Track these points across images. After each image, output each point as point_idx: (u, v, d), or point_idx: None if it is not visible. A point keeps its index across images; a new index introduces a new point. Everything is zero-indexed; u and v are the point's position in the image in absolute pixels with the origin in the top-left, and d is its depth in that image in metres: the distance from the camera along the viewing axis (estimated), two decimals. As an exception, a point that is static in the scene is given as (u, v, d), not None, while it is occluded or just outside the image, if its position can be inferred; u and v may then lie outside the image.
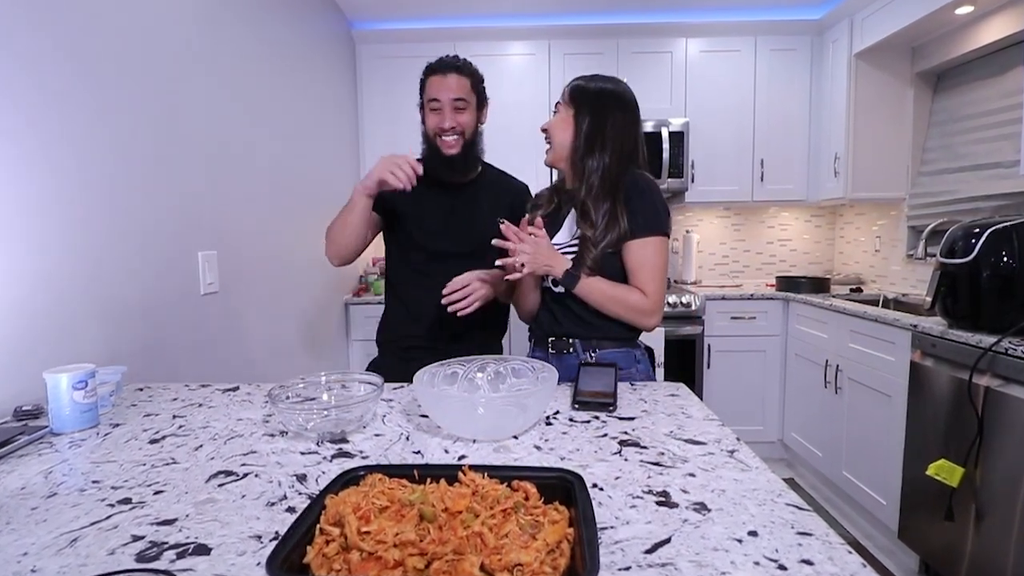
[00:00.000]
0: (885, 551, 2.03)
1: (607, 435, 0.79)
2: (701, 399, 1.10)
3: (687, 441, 0.77)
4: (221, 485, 0.65)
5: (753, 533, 0.53)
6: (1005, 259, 1.50)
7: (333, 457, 0.73)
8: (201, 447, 0.77)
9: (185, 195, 1.45)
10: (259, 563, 0.49)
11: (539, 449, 0.75)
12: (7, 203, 0.95)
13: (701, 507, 0.58)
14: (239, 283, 1.69)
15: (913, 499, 1.82)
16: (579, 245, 1.13)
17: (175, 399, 1.01)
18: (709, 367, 2.70)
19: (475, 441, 0.77)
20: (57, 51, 1.06)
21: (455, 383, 0.88)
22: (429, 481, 0.56)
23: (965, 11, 2.15)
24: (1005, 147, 2.15)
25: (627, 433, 0.80)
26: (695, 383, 2.68)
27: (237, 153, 1.72)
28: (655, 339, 2.53)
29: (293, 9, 2.20)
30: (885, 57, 2.57)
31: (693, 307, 2.64)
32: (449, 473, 0.57)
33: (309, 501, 0.56)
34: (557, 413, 0.89)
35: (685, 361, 2.65)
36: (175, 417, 0.91)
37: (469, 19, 2.88)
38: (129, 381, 1.10)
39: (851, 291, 2.74)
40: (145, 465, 0.71)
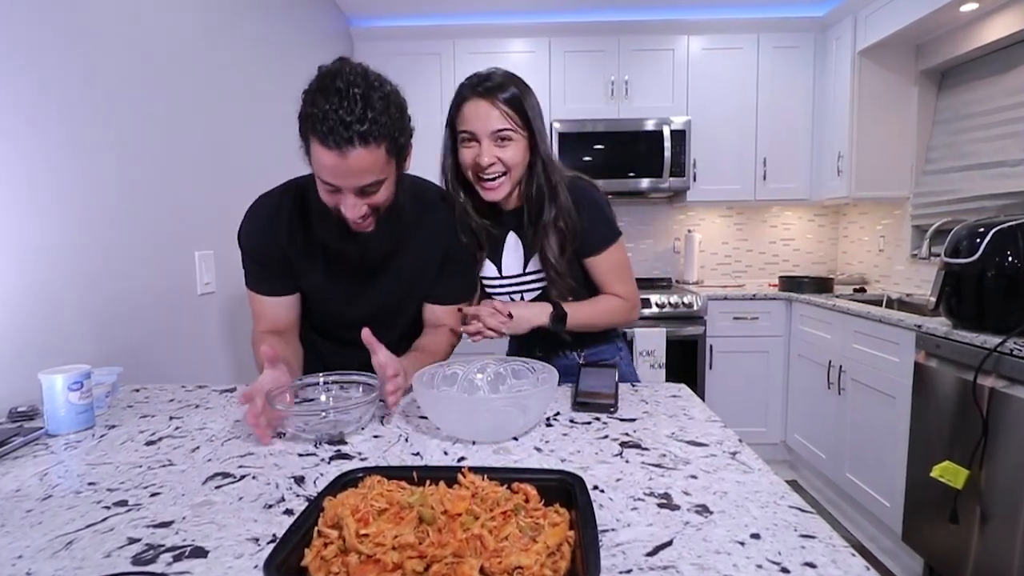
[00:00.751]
0: (889, 554, 2.02)
1: (608, 436, 0.79)
2: (703, 400, 1.10)
3: (689, 443, 0.76)
4: (218, 487, 0.65)
5: (756, 536, 0.53)
6: (1010, 259, 1.49)
7: (331, 459, 0.72)
8: (198, 449, 0.77)
9: (182, 194, 1.45)
10: (256, 566, 0.48)
11: (539, 451, 0.74)
12: (2, 202, 0.95)
13: (703, 509, 0.58)
14: (236, 283, 1.68)
15: (917, 501, 1.81)
16: (544, 273, 1.08)
17: (171, 400, 1.00)
18: (711, 368, 2.69)
19: (475, 443, 0.77)
20: (55, 52, 1.06)
21: (455, 384, 0.88)
22: (428, 483, 0.56)
23: (970, 8, 2.13)
24: (1010, 145, 2.14)
25: (628, 435, 0.80)
26: (697, 384, 2.67)
27: (234, 152, 1.72)
28: (656, 340, 2.53)
29: (291, 6, 2.19)
30: (889, 55, 2.56)
31: (695, 307, 2.63)
32: (448, 475, 0.57)
33: (307, 503, 0.56)
34: (557, 414, 0.89)
35: (687, 362, 2.64)
36: (171, 418, 0.90)
37: (468, 16, 2.87)
38: (125, 382, 1.09)
39: (855, 291, 2.73)
40: (141, 467, 0.71)
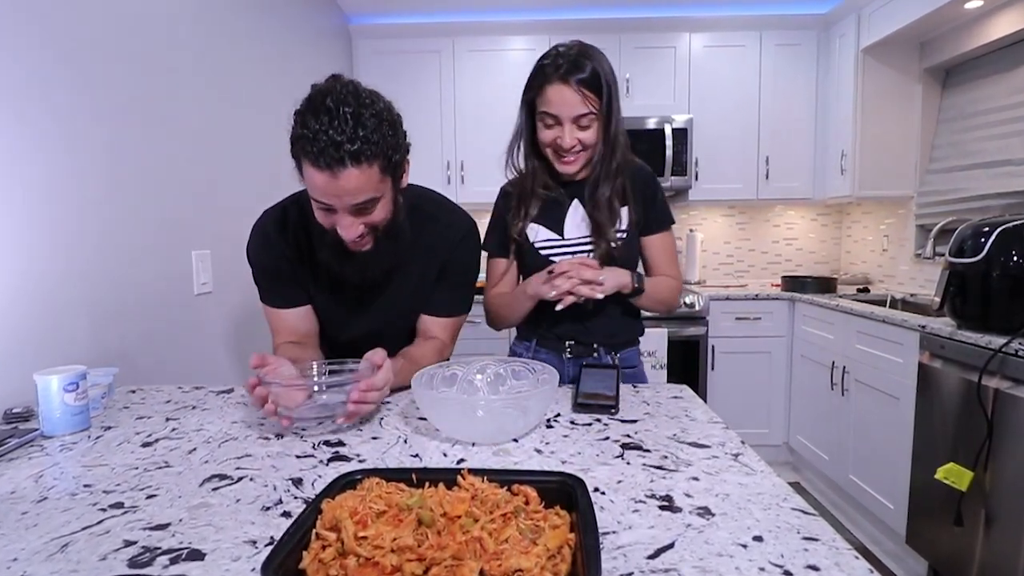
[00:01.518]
0: (893, 556, 2.01)
1: (609, 438, 0.78)
2: (705, 401, 1.09)
3: (691, 444, 0.76)
4: (215, 489, 0.64)
5: (758, 538, 0.52)
6: (1015, 258, 1.48)
7: (329, 461, 0.72)
8: (195, 450, 0.76)
9: (178, 193, 1.44)
10: (254, 568, 0.48)
11: (540, 452, 0.74)
12: None
13: (705, 512, 0.57)
14: (234, 283, 1.68)
15: (921, 503, 1.80)
16: (594, 239, 1.13)
17: (168, 401, 1.00)
18: (713, 368, 2.68)
19: (474, 444, 0.76)
20: (47, 47, 1.05)
21: (454, 385, 0.87)
22: (427, 485, 0.56)
23: (974, 5, 2.12)
24: (1015, 144, 2.12)
25: (629, 436, 0.79)
26: (699, 385, 2.66)
27: (232, 150, 1.71)
28: (658, 340, 2.52)
29: (289, 3, 2.19)
30: (893, 52, 2.54)
31: (697, 307, 2.62)
32: (448, 477, 0.56)
33: (305, 505, 0.56)
34: (558, 415, 0.88)
35: (689, 362, 2.64)
36: (168, 420, 0.90)
37: (468, 13, 2.86)
38: (121, 383, 1.09)
39: (858, 291, 2.71)
40: (137, 469, 0.70)
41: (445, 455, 0.73)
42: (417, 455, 0.74)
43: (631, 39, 2.88)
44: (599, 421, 0.85)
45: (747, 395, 2.71)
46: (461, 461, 0.72)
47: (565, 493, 0.54)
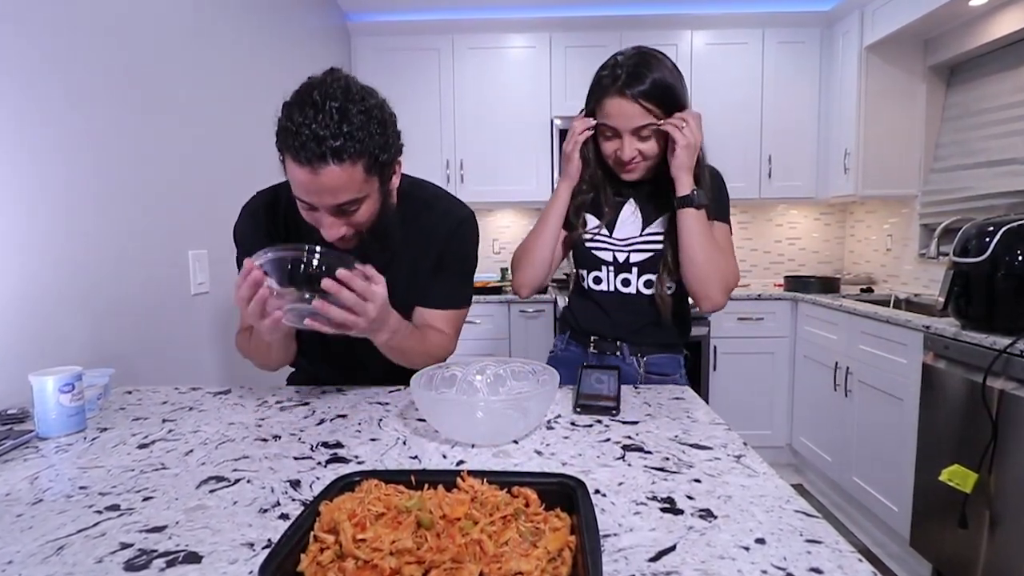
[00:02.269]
0: (896, 559, 2.00)
1: (610, 440, 0.78)
2: (707, 402, 1.09)
3: (692, 446, 0.75)
4: (212, 491, 0.64)
5: (760, 541, 0.52)
6: (1020, 258, 1.47)
7: (327, 462, 0.72)
8: (191, 452, 0.76)
9: (175, 192, 1.44)
10: (251, 571, 0.48)
11: (540, 454, 0.73)
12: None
13: (707, 514, 0.57)
14: (231, 283, 1.67)
15: (925, 505, 1.79)
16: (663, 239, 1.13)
17: (165, 402, 0.99)
18: (715, 369, 2.68)
19: (474, 446, 0.76)
20: (39, 44, 1.04)
21: (453, 386, 0.86)
22: (427, 487, 0.55)
23: (979, 3, 2.11)
24: (1020, 143, 2.11)
25: (630, 437, 0.78)
26: (701, 386, 2.65)
27: (229, 148, 1.70)
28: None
29: (287, 1, 2.18)
30: (897, 50, 2.53)
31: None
32: (447, 479, 0.56)
33: (303, 508, 0.55)
34: (559, 417, 0.87)
35: (691, 363, 2.63)
36: (165, 421, 0.89)
37: (468, 11, 2.85)
38: (117, 384, 1.08)
39: (861, 291, 2.70)
40: (134, 471, 0.70)
41: (444, 457, 0.73)
42: (416, 457, 0.73)
43: (632, 37, 2.85)
44: (600, 422, 0.85)
45: (749, 396, 2.70)
46: (461, 463, 0.71)
47: (566, 495, 0.53)
